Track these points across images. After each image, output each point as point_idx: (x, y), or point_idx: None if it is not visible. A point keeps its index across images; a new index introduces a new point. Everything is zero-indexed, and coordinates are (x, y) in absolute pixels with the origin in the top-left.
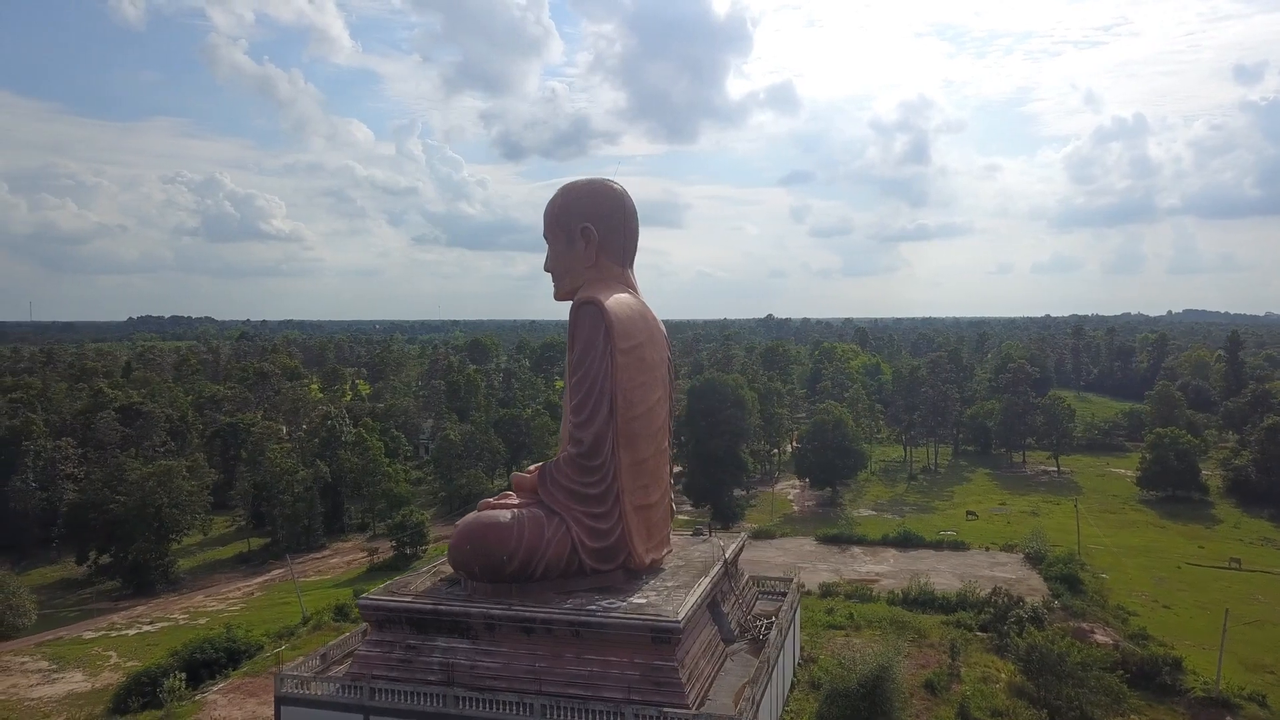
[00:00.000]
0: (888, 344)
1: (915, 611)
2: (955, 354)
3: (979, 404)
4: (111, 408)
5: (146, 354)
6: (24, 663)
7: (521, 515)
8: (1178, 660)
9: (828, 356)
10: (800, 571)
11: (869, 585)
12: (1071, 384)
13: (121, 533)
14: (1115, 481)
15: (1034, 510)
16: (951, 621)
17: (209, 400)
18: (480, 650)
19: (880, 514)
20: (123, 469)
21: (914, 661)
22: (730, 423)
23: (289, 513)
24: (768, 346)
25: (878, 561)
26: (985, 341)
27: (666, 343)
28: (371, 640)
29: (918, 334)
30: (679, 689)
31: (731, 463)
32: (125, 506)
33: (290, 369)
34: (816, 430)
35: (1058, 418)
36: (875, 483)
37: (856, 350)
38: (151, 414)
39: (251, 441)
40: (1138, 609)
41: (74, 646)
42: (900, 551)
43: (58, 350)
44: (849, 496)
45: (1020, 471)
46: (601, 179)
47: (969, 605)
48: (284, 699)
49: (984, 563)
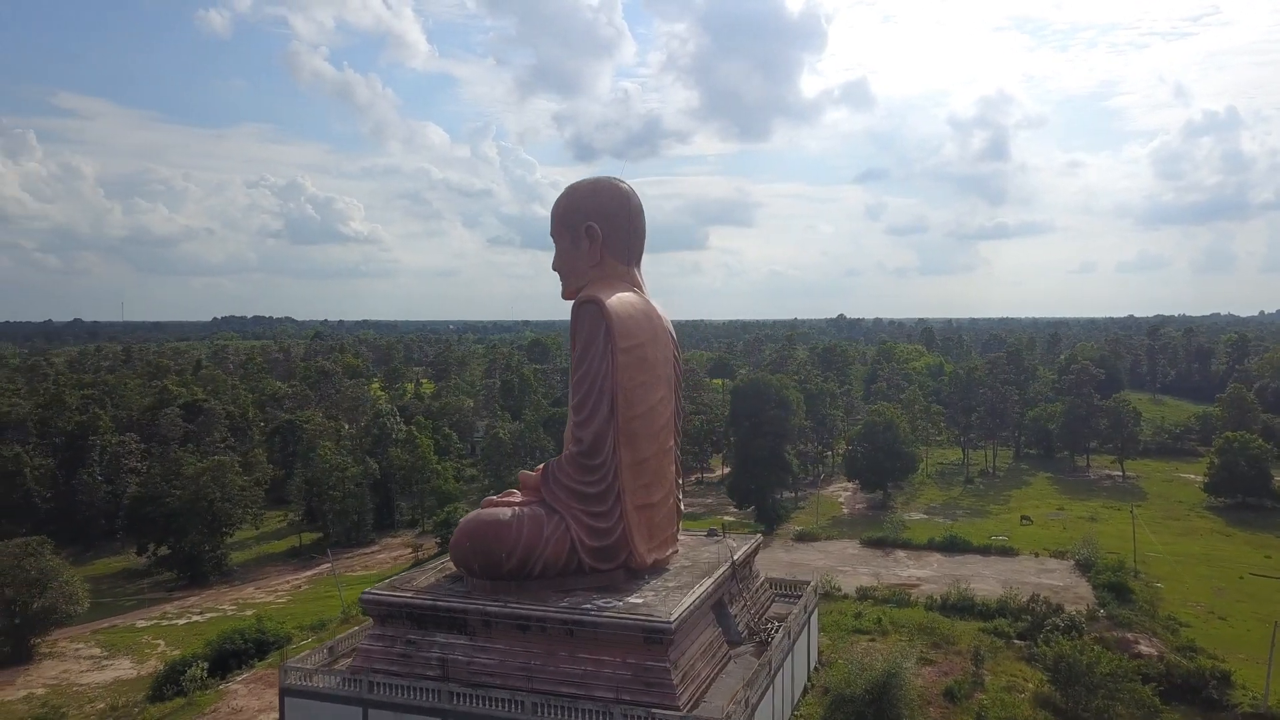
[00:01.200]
0: (956, 345)
1: (953, 618)
2: (1015, 354)
3: (1041, 406)
4: (176, 404)
5: (220, 352)
6: (78, 649)
7: (521, 513)
8: (1226, 674)
9: (886, 357)
10: (838, 575)
11: (907, 590)
12: (1147, 386)
13: (176, 525)
14: (1182, 487)
15: (1092, 516)
16: (989, 629)
17: (270, 398)
18: (477, 647)
19: (931, 518)
20: (179, 464)
21: (937, 669)
22: (774, 423)
23: (339, 508)
24: (825, 347)
25: (920, 566)
26: (1058, 342)
27: (673, 342)
28: (373, 635)
29: (989, 334)
30: (670, 690)
31: (775, 464)
32: (180, 500)
33: (352, 367)
34: (867, 432)
35: (1122, 420)
36: (930, 486)
37: (921, 350)
38: (213, 410)
39: (305, 438)
40: (1191, 620)
41: (126, 634)
42: (945, 556)
43: (136, 349)
44: (901, 499)
45: (1083, 476)
46: (607, 177)
47: (1007, 612)
48: (287, 690)
49: (1031, 569)
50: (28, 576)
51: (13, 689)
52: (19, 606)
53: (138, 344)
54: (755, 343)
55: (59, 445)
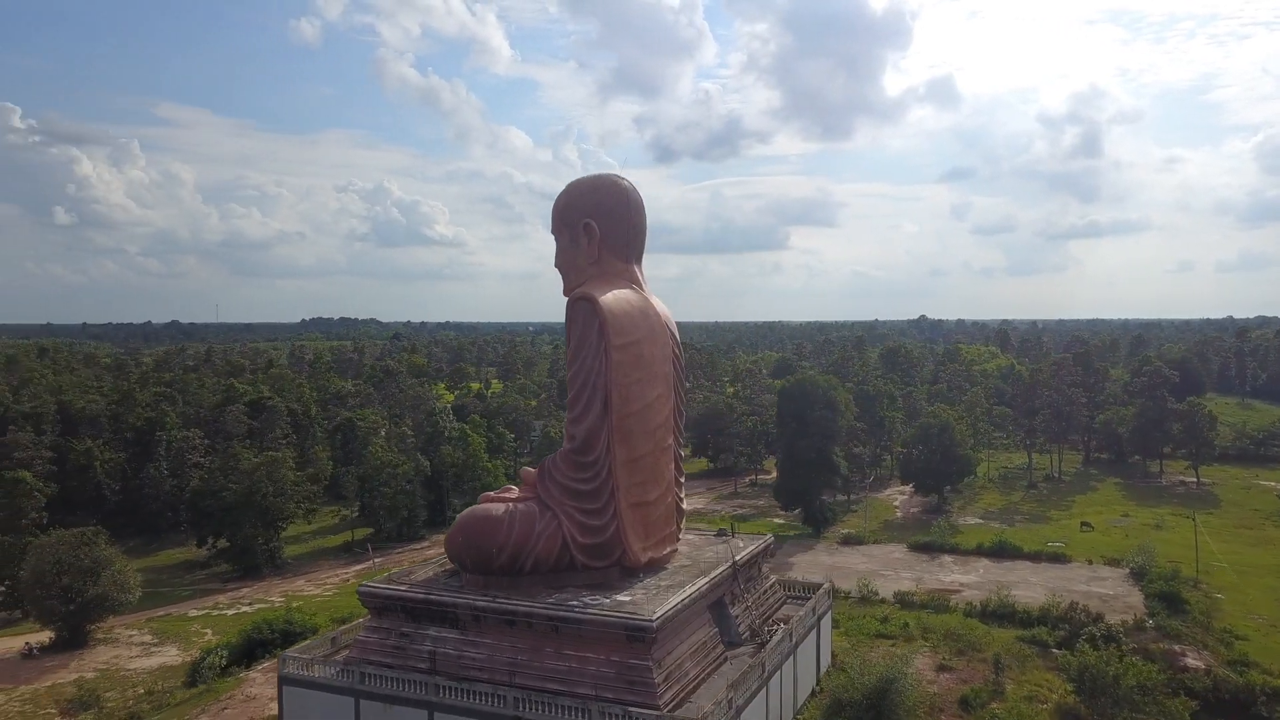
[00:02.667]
0: (1034, 346)
1: (990, 625)
2: (1083, 356)
3: (1112, 409)
4: (241, 402)
5: (297, 352)
6: (132, 635)
7: (514, 509)
8: (1278, 690)
9: (951, 358)
10: (878, 579)
11: (947, 595)
12: (1235, 390)
13: (232, 519)
14: (1260, 495)
15: (1158, 523)
16: (1026, 637)
17: (334, 396)
18: (467, 641)
19: (987, 523)
20: (236, 458)
21: (956, 675)
22: (820, 424)
23: (389, 504)
24: (889, 347)
25: (966, 572)
26: (1143, 344)
27: (673, 339)
28: (371, 627)
29: (1072, 336)
30: (652, 689)
31: (822, 465)
32: (235, 494)
33: (418, 367)
34: (922, 434)
35: (1197, 425)
36: (991, 490)
37: (994, 352)
38: (275, 408)
39: (359, 436)
40: (1250, 633)
41: (178, 623)
42: (993, 562)
43: (218, 349)
44: (959, 503)
45: (1154, 482)
46: (607, 174)
47: (1047, 620)
48: (285, 679)
49: (1082, 577)
50: (82, 565)
51: (66, 672)
52: (74, 594)
53: (221, 344)
54: (825, 344)
55: (129, 440)
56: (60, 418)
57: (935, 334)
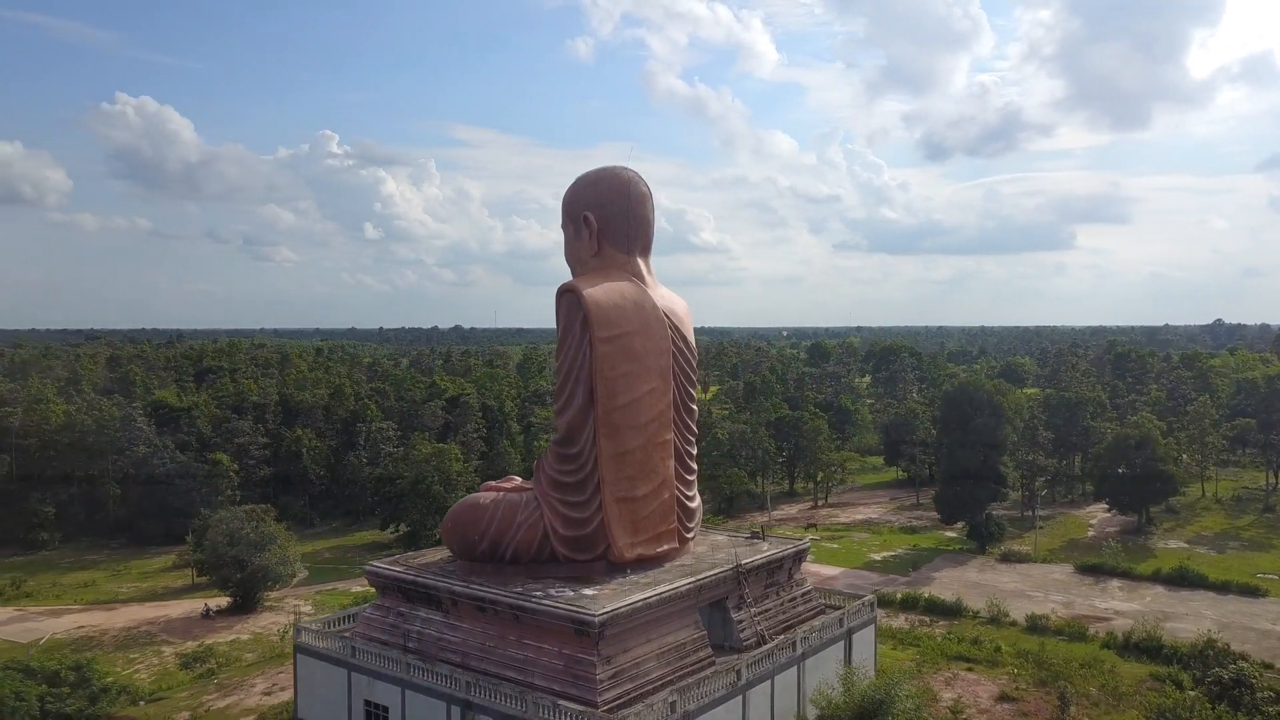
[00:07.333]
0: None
1: (1129, 659)
2: None
3: None
4: (441, 398)
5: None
6: (296, 605)
7: (501, 499)
8: None
9: (1188, 364)
10: (1020, 600)
11: (1090, 623)
12: None
13: (404, 504)
14: None
15: None
16: (1161, 674)
17: (533, 395)
18: (449, 624)
19: (1193, 547)
20: (413, 449)
21: (1016, 708)
22: (983, 432)
23: None
24: (1118, 353)
25: (1130, 599)
26: None
27: (675, 332)
28: (374, 605)
29: None
30: (593, 684)
31: (987, 476)
32: (407, 481)
33: None
34: (1116, 447)
35: None
36: (1216, 511)
37: (1272, 359)
38: (468, 403)
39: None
40: None
41: (337, 597)
42: (1168, 590)
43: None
44: (1168, 525)
45: None
46: (612, 166)
47: (1178, 657)
48: (299, 648)
49: (1273, 613)
50: (250, 539)
51: (229, 633)
52: (243, 564)
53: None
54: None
55: (338, 430)
56: (283, 409)
57: (1233, 339)
